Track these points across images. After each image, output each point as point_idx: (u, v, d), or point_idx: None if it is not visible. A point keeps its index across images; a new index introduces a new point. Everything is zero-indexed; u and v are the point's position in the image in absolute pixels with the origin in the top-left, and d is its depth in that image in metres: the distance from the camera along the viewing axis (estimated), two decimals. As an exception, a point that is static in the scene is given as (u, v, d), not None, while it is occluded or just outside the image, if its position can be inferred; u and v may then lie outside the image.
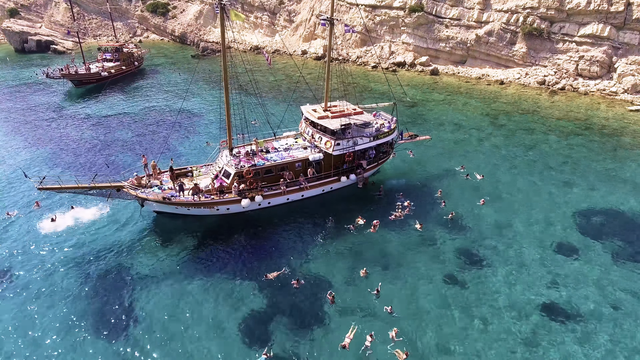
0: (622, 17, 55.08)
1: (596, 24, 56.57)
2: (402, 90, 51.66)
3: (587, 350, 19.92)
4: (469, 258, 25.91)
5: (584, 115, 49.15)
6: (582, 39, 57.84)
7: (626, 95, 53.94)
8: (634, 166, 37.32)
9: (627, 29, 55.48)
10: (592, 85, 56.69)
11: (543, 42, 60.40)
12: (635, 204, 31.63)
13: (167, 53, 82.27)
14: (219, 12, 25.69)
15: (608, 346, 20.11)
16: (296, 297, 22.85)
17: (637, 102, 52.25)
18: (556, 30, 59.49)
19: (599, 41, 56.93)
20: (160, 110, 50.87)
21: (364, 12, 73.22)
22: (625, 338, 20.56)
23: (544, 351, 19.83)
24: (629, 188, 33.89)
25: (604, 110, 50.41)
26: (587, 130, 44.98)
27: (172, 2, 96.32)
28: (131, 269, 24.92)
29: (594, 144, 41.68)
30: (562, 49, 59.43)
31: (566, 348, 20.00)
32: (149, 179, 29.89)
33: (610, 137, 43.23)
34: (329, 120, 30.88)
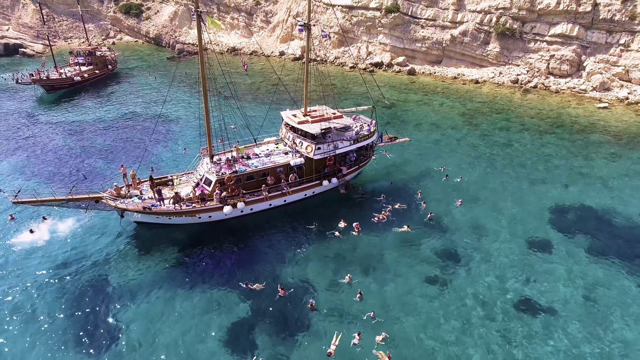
0: (589, 17, 56.96)
1: (565, 23, 58.34)
2: (380, 92, 52.14)
3: (561, 343, 20.71)
4: (448, 258, 26.54)
5: (555, 113, 50.69)
6: (552, 38, 59.56)
7: (595, 93, 55.86)
8: (602, 163, 38.77)
9: (595, 28, 57.41)
10: (562, 84, 58.49)
11: (515, 41, 61.94)
12: (604, 200, 32.90)
13: (141, 55, 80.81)
14: (196, 20, 25.49)
15: (582, 339, 20.95)
16: (281, 304, 22.99)
17: (605, 99, 54.20)
18: (528, 30, 61.08)
19: (569, 40, 58.75)
20: (137, 115, 50.04)
21: (341, 13, 73.54)
22: (598, 330, 21.45)
23: (523, 348, 20.52)
24: (598, 185, 35.21)
25: (574, 108, 52.12)
26: (559, 128, 46.44)
27: (146, 3, 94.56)
28: (112, 282, 24.61)
29: (565, 142, 43.09)
30: (533, 48, 61.07)
31: (542, 342, 20.75)
32: (129, 189, 29.49)
33: (581, 135, 44.77)
34: (309, 125, 31.06)
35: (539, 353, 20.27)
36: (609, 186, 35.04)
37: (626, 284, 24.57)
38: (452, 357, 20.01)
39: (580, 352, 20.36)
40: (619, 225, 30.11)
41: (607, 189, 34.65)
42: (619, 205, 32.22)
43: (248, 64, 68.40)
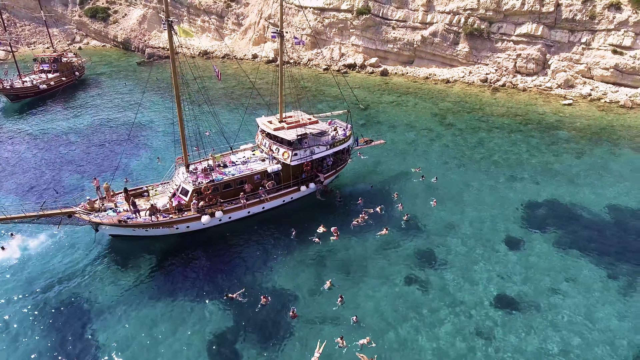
0: (552, 17, 59.03)
1: (530, 23, 60.27)
2: (353, 94, 52.68)
3: (536, 336, 21.54)
4: (426, 258, 27.13)
5: (523, 110, 52.34)
6: (518, 38, 61.43)
7: (560, 90, 57.94)
8: (569, 159, 40.33)
9: (558, 28, 59.54)
10: (529, 82, 60.42)
11: (484, 41, 63.56)
12: (572, 195, 34.27)
13: (110, 61, 78.85)
14: (167, 29, 25.17)
15: (557, 330, 21.85)
16: (264, 313, 23.03)
17: (569, 96, 56.31)
18: (495, 30, 62.78)
19: (534, 40, 60.72)
20: (108, 124, 48.86)
21: (313, 15, 73.70)
22: (570, 321, 22.41)
23: (501, 343, 21.23)
24: (566, 180, 36.63)
25: (541, 106, 53.92)
26: (527, 126, 48.00)
27: (113, 7, 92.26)
28: (89, 298, 24.09)
29: (533, 139, 44.58)
30: (501, 47, 62.83)
31: (519, 337, 21.53)
32: (103, 202, 28.87)
33: (548, 132, 46.40)
34: (285, 132, 31.12)
35: (516, 347, 21.01)
36: (575, 181, 36.49)
37: (594, 276, 25.69)
38: (436, 356, 20.51)
39: (559, 344, 21.21)
40: (586, 218, 31.42)
41: (574, 184, 36.08)
42: (585, 200, 33.63)
43: (220, 70, 67.72)
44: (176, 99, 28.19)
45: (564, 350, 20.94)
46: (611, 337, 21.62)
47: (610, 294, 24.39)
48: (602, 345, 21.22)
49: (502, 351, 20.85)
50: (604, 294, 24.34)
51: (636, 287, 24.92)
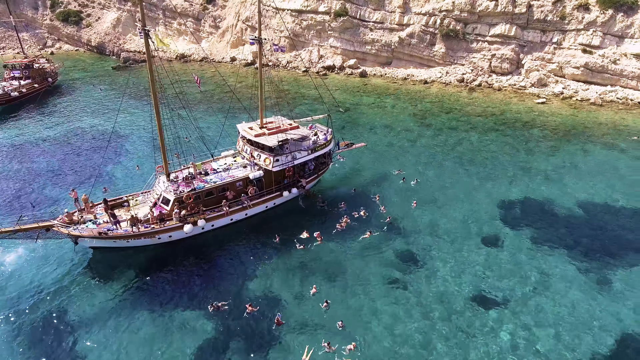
0: (525, 17, 60.60)
1: (504, 24, 61.73)
2: (332, 96, 52.98)
3: (518, 331, 22.22)
4: (409, 260, 27.61)
5: (499, 110, 53.60)
6: (493, 38, 62.85)
7: (533, 89, 59.57)
8: (543, 157, 41.55)
9: (530, 28, 61.17)
10: (504, 81, 61.89)
11: (459, 42, 64.77)
12: (546, 192, 35.35)
13: (84, 66, 77.22)
14: (143, 39, 24.92)
15: (537, 324, 22.58)
16: (250, 321, 23.06)
17: (542, 95, 57.92)
18: (470, 31, 64.05)
19: (508, 40, 62.22)
20: (84, 132, 47.90)
21: (291, 17, 73.73)
22: (549, 316, 23.20)
23: (484, 341, 21.82)
24: (540, 178, 37.74)
25: (515, 105, 55.32)
26: (503, 125, 49.19)
27: (86, 10, 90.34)
28: (70, 313, 23.68)
29: (509, 138, 45.74)
30: (476, 48, 64.14)
31: (501, 334, 22.17)
32: (82, 213, 28.37)
33: (523, 130, 47.66)
34: (266, 138, 31.17)
35: (499, 344, 21.63)
36: (549, 178, 37.64)
37: (569, 270, 26.60)
38: (421, 356, 20.95)
39: (534, 339, 21.92)
40: (559, 214, 32.48)
41: (548, 181, 37.21)
42: (559, 196, 34.73)
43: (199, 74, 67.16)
44: (155, 108, 27.92)
45: (540, 344, 21.66)
46: (585, 330, 22.46)
47: (583, 288, 25.29)
48: (576, 337, 22.03)
49: (484, 348, 21.43)
50: (577, 288, 25.23)
51: (607, 281, 25.90)
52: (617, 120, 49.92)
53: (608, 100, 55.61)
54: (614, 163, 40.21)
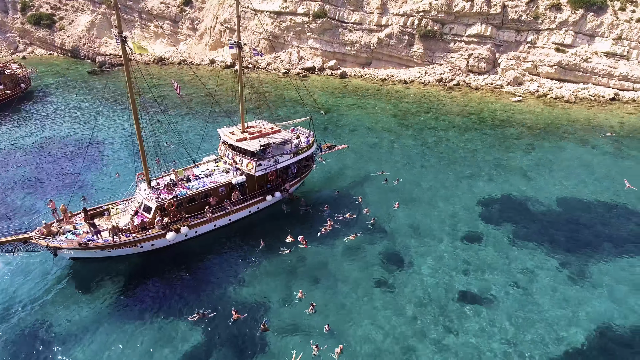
0: (500, 17, 61.81)
1: (480, 24, 62.84)
2: (313, 98, 53.11)
3: (501, 327, 22.78)
4: (393, 260, 27.95)
5: (477, 109, 54.59)
6: (469, 38, 63.91)
7: (510, 87, 60.85)
8: (520, 154, 42.54)
9: (505, 28, 62.43)
10: (481, 80, 63.03)
11: (437, 42, 65.67)
12: (524, 189, 36.22)
13: (58, 70, 75.36)
14: (120, 46, 24.56)
15: (518, 320, 23.18)
16: (236, 328, 23.02)
17: (518, 93, 59.25)
18: (447, 31, 65.00)
19: (484, 40, 63.38)
20: (60, 140, 46.78)
21: (269, 19, 73.49)
22: (531, 311, 23.84)
23: (470, 339, 22.29)
24: (518, 175, 38.65)
25: (492, 103, 56.44)
26: (481, 123, 50.14)
27: (59, 13, 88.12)
28: (52, 327, 23.22)
29: (487, 136, 46.67)
30: (453, 48, 65.14)
31: (485, 330, 22.68)
32: (60, 224, 27.81)
33: (500, 129, 48.69)
34: (248, 142, 31.09)
35: (483, 341, 22.13)
36: (527, 175, 38.58)
37: (548, 264, 27.37)
38: (408, 357, 21.28)
39: (517, 334, 22.50)
40: (538, 211, 33.35)
41: (526, 178, 38.14)
42: (536, 193, 35.65)
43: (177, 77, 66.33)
44: (134, 115, 27.54)
45: (522, 338, 22.25)
46: (564, 323, 23.17)
47: (562, 281, 26.06)
48: (556, 331, 22.71)
49: (469, 345, 21.89)
50: (556, 282, 25.98)
51: (584, 273, 26.74)
52: (590, 117, 51.46)
53: (581, 97, 57.25)
54: (586, 159, 41.46)
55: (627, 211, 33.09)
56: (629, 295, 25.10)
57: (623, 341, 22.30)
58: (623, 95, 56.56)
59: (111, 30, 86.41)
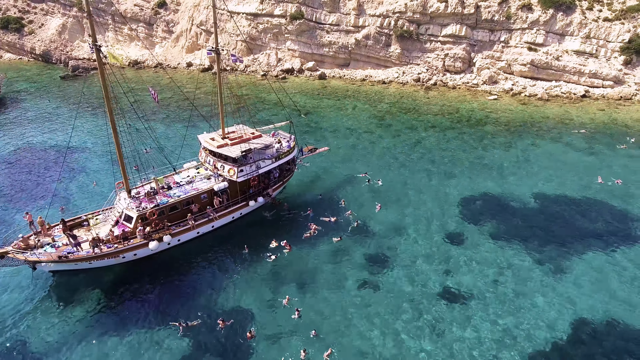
0: (474, 18, 63.08)
1: (454, 24, 63.97)
2: (292, 101, 53.10)
3: (484, 324, 23.37)
4: (377, 262, 28.31)
5: (454, 108, 55.59)
6: (445, 38, 65.00)
7: (485, 86, 62.18)
8: (497, 153, 43.60)
9: (479, 28, 63.75)
10: (458, 80, 64.20)
11: (414, 42, 66.54)
12: (502, 187, 37.15)
13: (29, 75, 73.15)
14: (95, 54, 24.10)
15: (500, 317, 23.83)
16: (222, 336, 22.96)
17: (494, 92, 60.60)
18: (423, 32, 65.94)
19: (459, 40, 64.56)
20: (34, 148, 45.51)
21: (246, 21, 73.09)
22: (511, 307, 24.53)
23: (454, 336, 22.79)
24: (496, 173, 39.61)
25: (469, 102, 57.55)
26: (459, 123, 51.10)
27: (27, 16, 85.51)
28: (33, 343, 22.71)
29: (465, 135, 47.61)
30: (430, 48, 66.13)
31: (468, 327, 23.24)
32: (38, 237, 27.14)
33: (477, 127, 49.74)
34: (229, 149, 30.95)
35: (468, 338, 22.67)
36: (504, 173, 39.58)
37: (528, 261, 28.19)
38: (396, 357, 21.62)
39: (501, 329, 23.14)
40: (515, 208, 34.28)
41: (503, 176, 39.12)
42: (513, 190, 36.61)
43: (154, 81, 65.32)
44: (111, 124, 27.06)
45: (506, 333, 22.90)
46: (544, 318, 23.96)
47: (541, 277, 26.89)
48: (538, 324, 23.47)
49: (453, 341, 22.41)
50: (536, 278, 26.81)
51: (562, 268, 27.66)
52: (563, 114, 53.05)
53: (553, 95, 58.96)
54: (560, 155, 42.79)
55: (599, 205, 34.33)
56: (602, 287, 26.09)
57: (598, 333, 23.18)
58: (593, 92, 58.52)
59: (83, 34, 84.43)
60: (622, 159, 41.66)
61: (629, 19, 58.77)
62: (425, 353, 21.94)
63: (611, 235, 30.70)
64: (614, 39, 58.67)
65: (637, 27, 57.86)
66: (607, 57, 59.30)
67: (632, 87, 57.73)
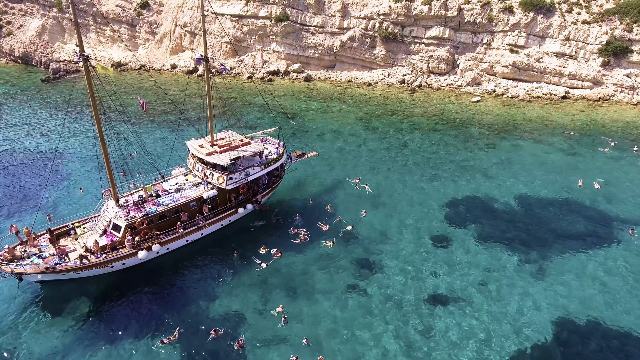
0: (457, 20, 64.03)
1: (438, 27, 64.84)
2: (278, 103, 53.20)
3: (471, 325, 24.01)
4: (365, 267, 28.70)
5: (439, 110, 56.41)
6: (429, 40, 65.83)
7: (469, 87, 63.23)
8: (481, 154, 44.47)
9: (462, 30, 64.75)
10: (442, 81, 65.13)
11: (398, 44, 67.23)
12: (487, 189, 37.97)
13: (8, 78, 71.60)
14: (82, 64, 23.91)
15: (489, 317, 24.50)
16: (214, 346, 23.08)
17: (477, 93, 61.67)
18: (407, 34, 66.66)
19: (442, 42, 65.46)
20: (16, 155, 44.70)
21: (231, 22, 72.79)
22: (497, 307, 25.23)
23: (443, 338, 23.36)
24: (480, 175, 40.43)
25: (453, 104, 58.46)
26: (443, 125, 51.91)
27: (4, 17, 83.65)
28: (21, 354, 22.47)
29: (449, 137, 48.42)
30: (414, 50, 66.89)
31: (455, 329, 23.84)
32: (24, 247, 26.82)
33: (461, 129, 50.61)
34: (217, 156, 30.96)
35: (455, 340, 23.27)
36: (488, 175, 40.43)
37: (512, 262, 28.97)
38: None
39: (486, 330, 23.80)
40: (499, 210, 35.11)
41: (487, 177, 39.97)
42: (497, 192, 37.48)
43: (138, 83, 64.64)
44: (99, 133, 26.85)
45: (491, 334, 23.58)
46: (527, 318, 24.72)
47: (524, 278, 27.69)
48: (521, 325, 24.21)
49: (441, 345, 22.98)
50: (520, 279, 27.59)
51: (544, 269, 28.52)
52: (544, 116, 54.33)
53: (535, 96, 60.30)
54: (542, 157, 43.89)
55: (579, 207, 35.38)
56: (583, 287, 27.01)
57: (582, 333, 24.04)
58: (573, 93, 60.04)
59: (64, 36, 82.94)
60: (604, 162, 42.75)
61: (607, 21, 60.44)
62: (414, 357, 22.43)
63: (592, 237, 31.69)
64: (592, 41, 60.26)
65: (614, 29, 59.55)
66: (586, 58, 60.89)
67: (610, 88, 59.42)
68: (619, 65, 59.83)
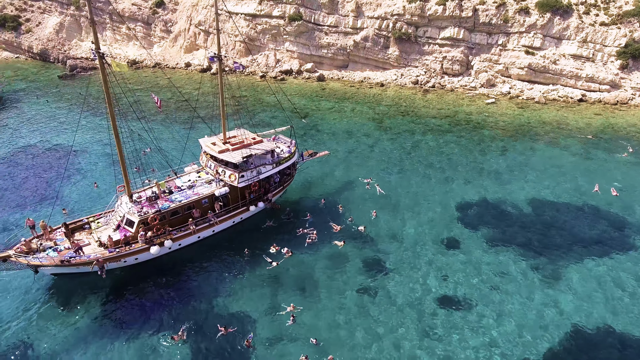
0: (472, 21, 63.45)
1: (453, 27, 64.32)
2: (290, 102, 53.28)
3: (481, 330, 23.80)
4: (375, 269, 28.59)
5: (452, 111, 55.97)
6: (443, 41, 65.35)
7: (483, 89, 62.63)
8: (494, 157, 44.01)
9: (477, 31, 64.13)
10: (456, 82, 64.62)
11: (412, 45, 66.88)
12: (499, 192, 37.55)
13: (27, 75, 72.92)
14: (98, 61, 24.25)
15: (497, 322, 24.26)
16: (223, 343, 23.22)
17: (491, 95, 61.06)
18: (421, 34, 66.26)
19: (457, 43, 64.93)
20: (35, 149, 45.49)
21: (245, 21, 73.15)
22: (508, 313, 24.96)
23: (454, 341, 23.19)
24: (492, 178, 40.01)
25: (467, 106, 57.93)
26: (457, 126, 51.48)
27: (24, 14, 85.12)
28: (35, 346, 22.94)
29: (462, 139, 48.00)
30: (428, 50, 66.48)
31: (465, 333, 23.64)
32: (40, 240, 27.31)
33: (475, 131, 50.14)
34: (230, 154, 31.14)
35: (467, 344, 23.08)
36: (500, 178, 39.98)
37: (524, 267, 28.61)
38: (390, 365, 22.03)
39: (496, 336, 23.56)
40: (512, 214, 34.70)
41: (500, 181, 39.52)
42: (510, 196, 37.04)
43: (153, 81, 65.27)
44: (114, 129, 27.22)
45: (500, 340, 23.33)
46: (539, 325, 24.40)
47: (538, 284, 27.33)
48: (534, 331, 23.91)
49: (452, 349, 22.81)
50: (533, 285, 27.24)
51: (558, 275, 28.10)
52: (559, 118, 53.55)
53: (550, 98, 59.48)
54: (557, 160, 43.25)
55: (594, 213, 34.75)
56: (596, 294, 26.56)
57: (594, 342, 23.64)
58: (590, 96, 59.09)
59: (81, 33, 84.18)
60: (622, 167, 41.88)
61: (625, 23, 59.33)
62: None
63: (607, 245, 31.02)
64: (611, 43, 59.22)
65: (633, 31, 58.44)
66: (603, 61, 59.87)
67: (629, 91, 58.35)
68: (637, 69, 58.72)
